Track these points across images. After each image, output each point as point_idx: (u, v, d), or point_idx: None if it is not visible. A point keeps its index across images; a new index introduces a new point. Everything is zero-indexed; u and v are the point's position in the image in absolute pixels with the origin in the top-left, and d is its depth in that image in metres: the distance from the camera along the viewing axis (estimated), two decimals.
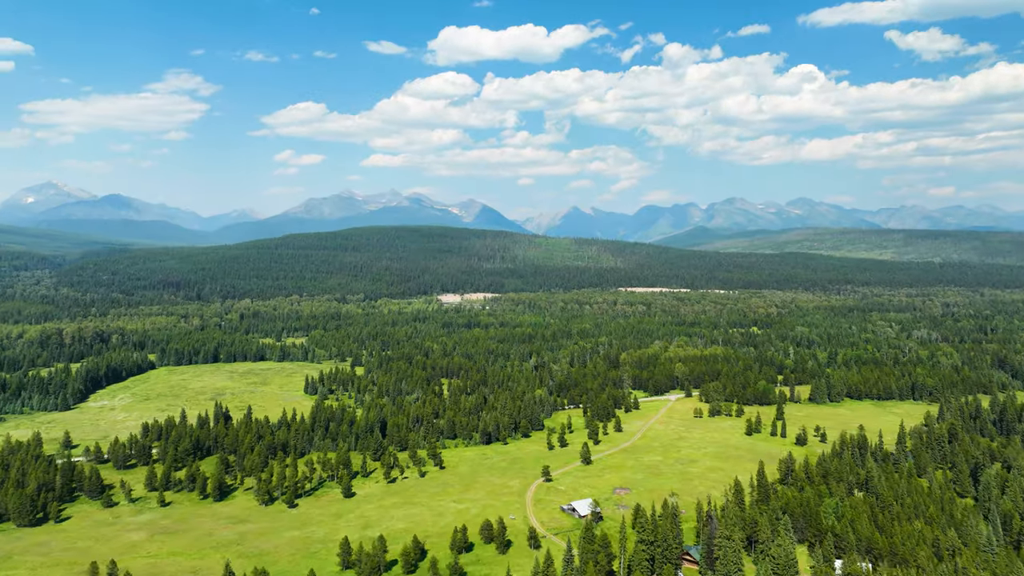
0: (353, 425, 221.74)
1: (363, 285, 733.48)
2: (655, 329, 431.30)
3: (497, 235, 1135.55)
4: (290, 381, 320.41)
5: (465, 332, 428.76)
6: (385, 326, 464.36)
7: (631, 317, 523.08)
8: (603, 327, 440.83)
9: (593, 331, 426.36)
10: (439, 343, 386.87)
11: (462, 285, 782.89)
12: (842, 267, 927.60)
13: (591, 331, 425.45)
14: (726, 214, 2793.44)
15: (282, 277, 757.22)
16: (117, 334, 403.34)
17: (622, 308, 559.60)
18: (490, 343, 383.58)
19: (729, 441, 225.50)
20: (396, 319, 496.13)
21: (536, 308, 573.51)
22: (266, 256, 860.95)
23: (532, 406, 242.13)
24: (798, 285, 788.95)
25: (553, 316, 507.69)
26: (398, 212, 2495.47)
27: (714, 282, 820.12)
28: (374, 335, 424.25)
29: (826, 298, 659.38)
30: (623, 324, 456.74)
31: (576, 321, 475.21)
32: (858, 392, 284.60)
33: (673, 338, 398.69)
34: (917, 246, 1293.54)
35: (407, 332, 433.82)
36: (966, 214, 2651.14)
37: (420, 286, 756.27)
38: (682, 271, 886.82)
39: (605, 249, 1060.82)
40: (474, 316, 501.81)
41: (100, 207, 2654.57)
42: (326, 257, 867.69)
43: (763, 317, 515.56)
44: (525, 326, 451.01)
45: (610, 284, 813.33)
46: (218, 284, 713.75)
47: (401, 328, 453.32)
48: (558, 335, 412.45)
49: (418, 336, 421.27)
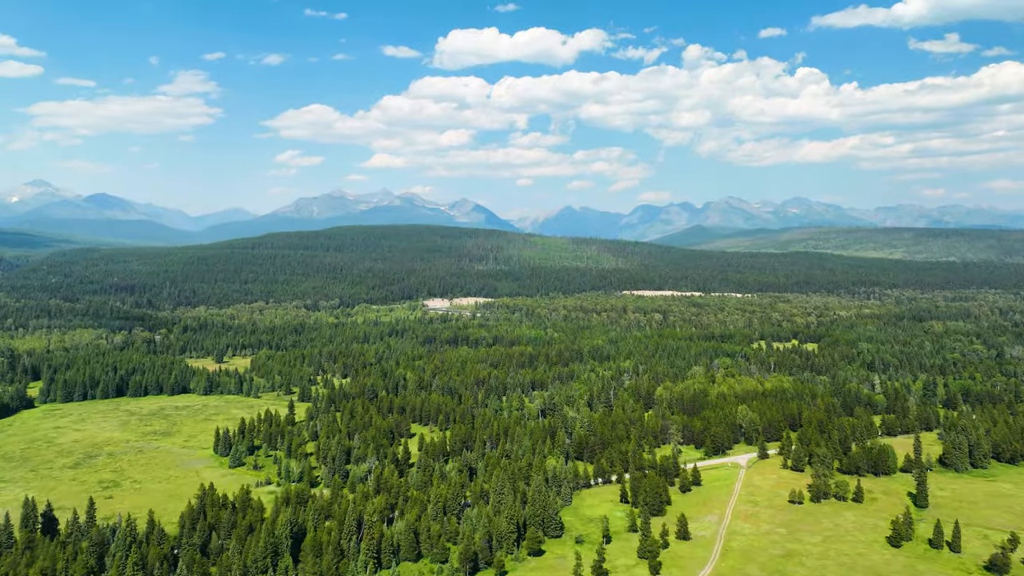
0: (244, 546, 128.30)
1: (341, 289, 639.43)
2: (683, 347, 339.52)
3: (490, 234, 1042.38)
4: (205, 429, 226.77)
5: (450, 351, 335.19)
6: (353, 342, 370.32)
7: (646, 328, 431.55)
8: (620, 344, 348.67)
9: (609, 350, 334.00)
10: (415, 369, 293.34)
11: (451, 288, 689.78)
12: (860, 267, 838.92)
13: (607, 350, 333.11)
14: (722, 213, 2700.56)
15: (252, 280, 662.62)
16: (6, 356, 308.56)
17: (635, 317, 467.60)
18: (480, 368, 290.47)
19: (870, 561, 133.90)
20: (369, 332, 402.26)
21: (535, 317, 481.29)
22: (239, 257, 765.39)
23: (543, 494, 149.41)
24: (819, 287, 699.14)
25: (556, 328, 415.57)
26: (389, 212, 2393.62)
27: (727, 284, 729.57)
28: (336, 355, 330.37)
29: (860, 303, 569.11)
30: (642, 339, 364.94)
31: (585, 335, 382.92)
32: (1009, 451, 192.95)
33: (712, 360, 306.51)
34: (929, 245, 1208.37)
35: (378, 351, 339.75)
36: (964, 213, 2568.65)
37: (405, 290, 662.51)
38: (690, 272, 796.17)
39: (605, 249, 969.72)
40: (462, 328, 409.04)
41: (85, 207, 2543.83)
42: (304, 258, 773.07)
43: (803, 328, 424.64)
44: (524, 342, 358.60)
45: (613, 287, 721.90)
46: (177, 288, 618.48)
47: (372, 345, 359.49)
48: (566, 355, 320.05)
49: (391, 356, 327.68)
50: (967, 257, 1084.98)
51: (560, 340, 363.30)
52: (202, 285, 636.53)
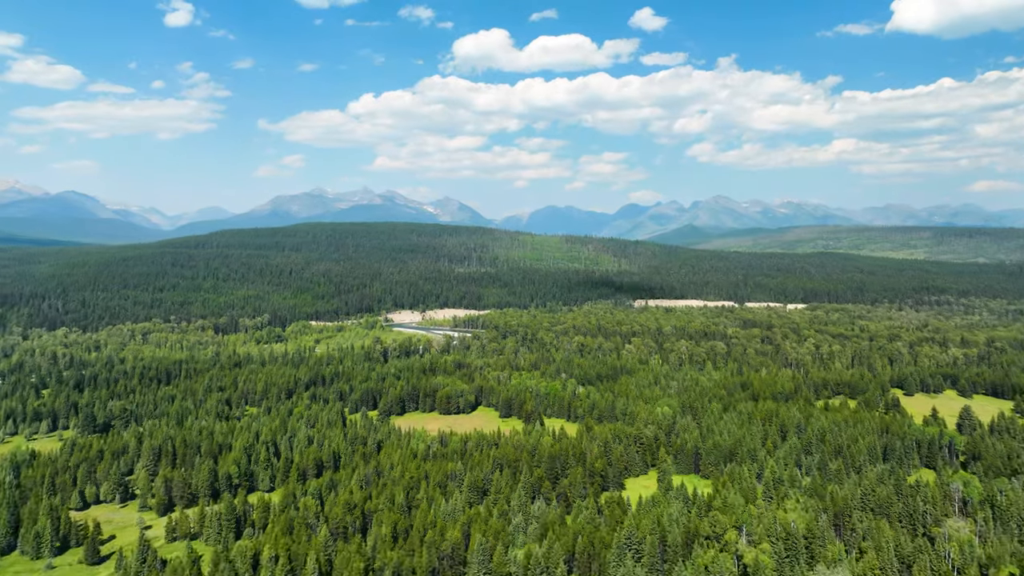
0: None
1: (280, 299, 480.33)
2: (802, 418, 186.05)
3: (474, 232, 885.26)
4: None
5: (392, 448, 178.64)
6: (220, 416, 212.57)
7: (706, 369, 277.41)
8: (699, 411, 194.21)
9: (676, 421, 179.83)
10: (314, 506, 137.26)
11: (425, 297, 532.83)
12: (905, 270, 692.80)
13: (672, 422, 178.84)
14: (711, 212, 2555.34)
15: (169, 288, 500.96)
16: None
17: (684, 349, 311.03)
18: (451, 516, 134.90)
19: None
20: (275, 380, 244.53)
21: (537, 346, 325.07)
22: (168, 258, 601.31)
23: None
24: (876, 295, 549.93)
25: (574, 369, 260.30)
26: (368, 210, 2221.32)
27: (762, 291, 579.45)
28: (171, 449, 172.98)
29: (966, 319, 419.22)
30: (711, 388, 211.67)
31: (627, 388, 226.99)
32: None
33: (903, 462, 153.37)
34: (952, 244, 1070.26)
35: (263, 435, 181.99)
36: (952, 213, 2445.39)
37: (364, 299, 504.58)
38: (710, 276, 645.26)
39: (603, 248, 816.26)
40: (428, 371, 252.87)
41: (52, 205, 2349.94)
42: (249, 259, 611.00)
43: (947, 368, 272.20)
44: (529, 402, 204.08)
45: (624, 294, 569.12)
46: (63, 299, 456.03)
47: (263, 420, 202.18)
48: (615, 451, 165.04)
49: (281, 444, 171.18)
50: (999, 258, 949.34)
51: (589, 401, 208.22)
52: (102, 294, 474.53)
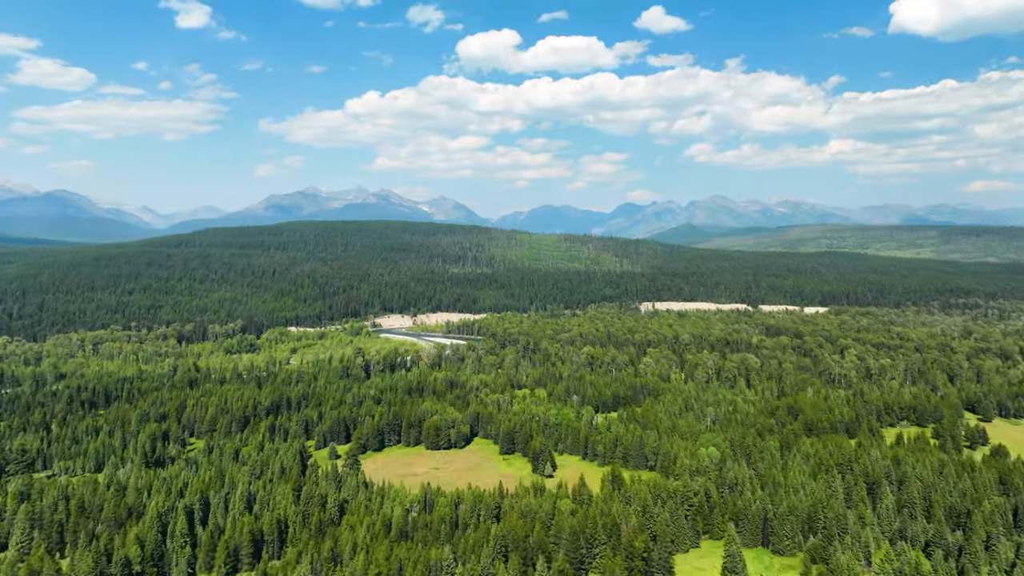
0: None
1: (257, 304, 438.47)
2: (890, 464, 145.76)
3: (469, 230, 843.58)
4: None
5: (359, 514, 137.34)
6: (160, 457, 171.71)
7: (738, 387, 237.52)
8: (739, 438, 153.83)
9: (725, 465, 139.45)
10: None
11: (416, 300, 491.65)
12: (922, 270, 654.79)
13: (721, 467, 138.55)
14: (708, 211, 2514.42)
15: (139, 290, 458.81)
16: None
17: (711, 361, 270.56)
18: None
19: None
20: (235, 404, 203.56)
21: (540, 357, 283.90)
22: (144, 258, 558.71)
23: None
24: (900, 298, 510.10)
25: (586, 389, 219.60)
26: (363, 209, 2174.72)
27: (777, 294, 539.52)
28: None
29: (1009, 324, 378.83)
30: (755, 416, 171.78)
31: (658, 415, 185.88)
32: None
33: None
34: (960, 244, 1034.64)
35: (140, 543, 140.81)
36: (952, 212, 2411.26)
37: (350, 303, 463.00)
38: (719, 277, 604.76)
39: (604, 248, 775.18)
40: (415, 390, 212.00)
41: (41, 204, 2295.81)
42: (230, 259, 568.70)
43: (1021, 386, 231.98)
44: (536, 435, 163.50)
45: (629, 296, 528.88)
46: (19, 303, 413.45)
47: (155, 501, 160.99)
48: (659, 523, 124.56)
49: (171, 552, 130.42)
50: (1009, 257, 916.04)
51: (611, 435, 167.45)
52: (65, 297, 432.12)
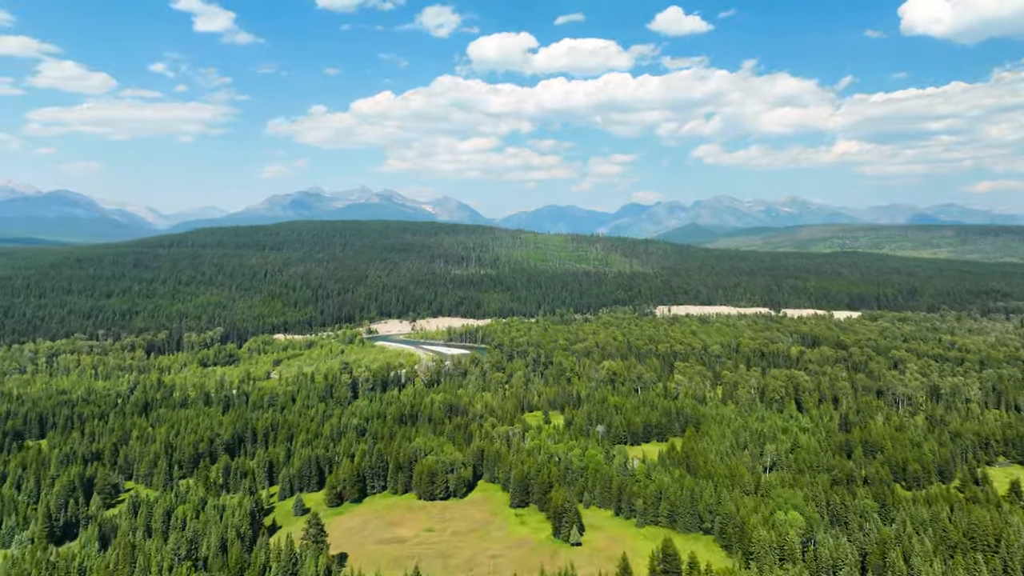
0: None
1: (243, 308, 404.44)
2: None
3: (473, 230, 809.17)
4: None
5: None
6: None
7: (787, 410, 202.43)
8: (824, 496, 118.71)
9: (813, 537, 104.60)
10: None
11: (416, 304, 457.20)
12: (948, 272, 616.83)
13: (809, 537, 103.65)
14: (713, 211, 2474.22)
15: (118, 293, 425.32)
16: None
17: (754, 380, 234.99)
18: None
19: None
20: (164, 441, 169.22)
21: (552, 372, 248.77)
22: (131, 259, 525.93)
23: None
24: (934, 301, 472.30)
25: (605, 411, 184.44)
26: (365, 209, 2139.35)
27: (801, 297, 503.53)
28: None
29: None
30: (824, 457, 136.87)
31: (694, 449, 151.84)
32: None
33: None
34: (978, 244, 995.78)
35: None
36: (960, 212, 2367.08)
37: (344, 307, 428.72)
38: (734, 278, 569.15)
39: (612, 248, 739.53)
40: (408, 417, 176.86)
41: (43, 204, 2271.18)
42: (221, 259, 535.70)
43: None
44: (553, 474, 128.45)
45: (643, 299, 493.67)
46: None
47: None
48: None
49: None
50: None
51: (653, 486, 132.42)
52: (36, 301, 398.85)
